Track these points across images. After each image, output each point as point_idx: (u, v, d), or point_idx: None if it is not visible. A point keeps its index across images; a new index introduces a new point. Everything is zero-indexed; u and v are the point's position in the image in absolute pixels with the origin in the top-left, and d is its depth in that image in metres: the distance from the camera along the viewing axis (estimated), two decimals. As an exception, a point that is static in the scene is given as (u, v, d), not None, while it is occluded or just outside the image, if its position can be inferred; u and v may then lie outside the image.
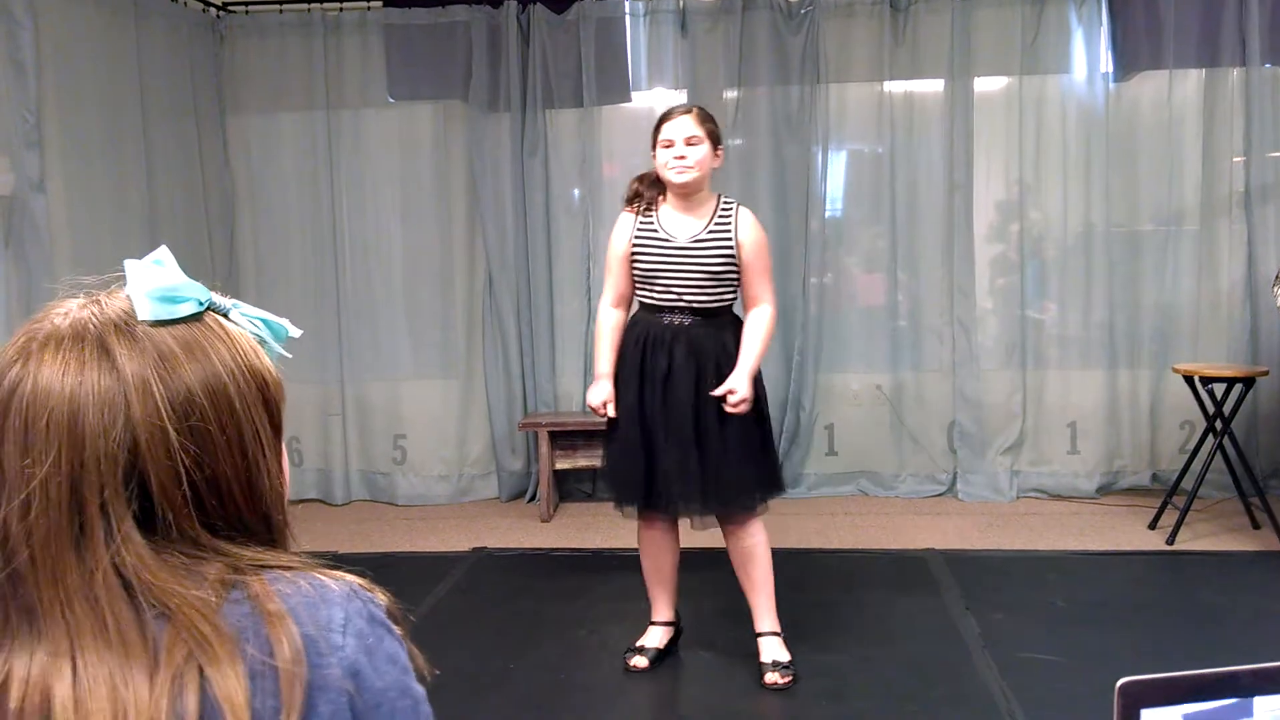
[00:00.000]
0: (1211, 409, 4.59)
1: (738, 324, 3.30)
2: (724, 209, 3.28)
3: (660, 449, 3.23)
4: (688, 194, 3.24)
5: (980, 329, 5.36)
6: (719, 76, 5.33)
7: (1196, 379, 4.61)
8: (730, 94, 5.32)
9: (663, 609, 3.48)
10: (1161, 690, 0.80)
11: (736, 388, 3.15)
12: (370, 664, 0.86)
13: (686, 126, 3.20)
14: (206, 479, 0.85)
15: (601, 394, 3.28)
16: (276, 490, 0.92)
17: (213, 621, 0.80)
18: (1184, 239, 5.23)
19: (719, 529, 3.39)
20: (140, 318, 0.87)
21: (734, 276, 3.27)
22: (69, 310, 0.88)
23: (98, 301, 0.89)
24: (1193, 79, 5.18)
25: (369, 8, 5.47)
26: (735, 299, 3.33)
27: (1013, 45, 5.24)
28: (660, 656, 3.43)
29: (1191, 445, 4.88)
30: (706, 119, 3.25)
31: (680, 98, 5.38)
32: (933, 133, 5.33)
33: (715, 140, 3.25)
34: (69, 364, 0.83)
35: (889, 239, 5.39)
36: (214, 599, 0.82)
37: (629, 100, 5.46)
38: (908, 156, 5.35)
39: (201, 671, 0.79)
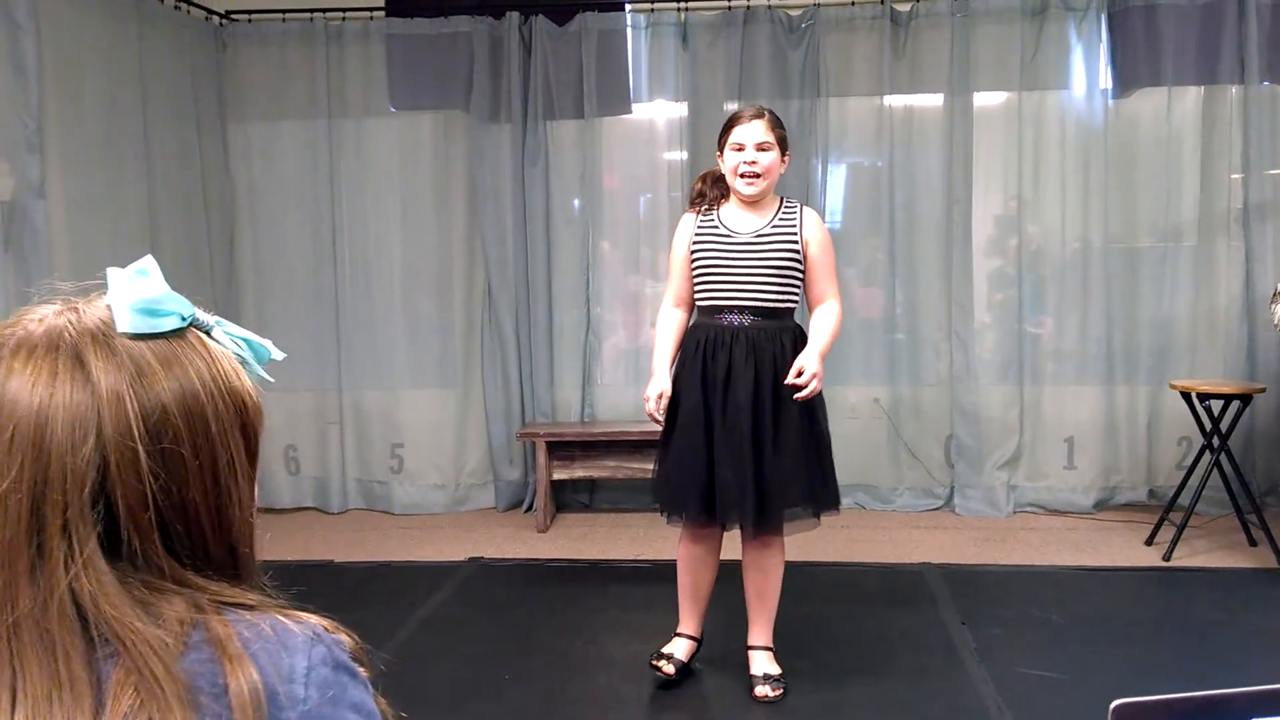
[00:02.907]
0: (1209, 425, 4.60)
1: (798, 331, 3.25)
2: (788, 207, 3.27)
3: (719, 455, 3.18)
4: (753, 203, 3.24)
5: (978, 343, 5.36)
6: (719, 89, 5.34)
7: (1194, 395, 4.62)
8: (730, 106, 5.31)
9: (690, 623, 3.42)
10: (1156, 712, 0.79)
11: (807, 365, 3.07)
12: (334, 714, 0.81)
13: (758, 132, 3.18)
14: (174, 504, 0.81)
15: (656, 387, 3.23)
16: (246, 521, 0.87)
17: (167, 665, 0.76)
18: (1182, 255, 5.24)
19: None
20: (119, 329, 0.83)
21: (796, 275, 3.22)
22: (44, 316, 0.84)
23: (75, 309, 0.84)
24: (1191, 96, 5.20)
25: (371, 17, 5.48)
26: (797, 303, 3.27)
27: (1012, 60, 5.25)
28: (684, 669, 3.37)
29: (1188, 461, 4.88)
30: (777, 124, 3.24)
31: (681, 110, 5.41)
32: (932, 147, 5.34)
33: (784, 146, 3.25)
34: (40, 373, 0.79)
35: (888, 252, 5.40)
36: (172, 642, 0.77)
37: (630, 112, 5.47)
38: (907, 170, 5.36)
39: None
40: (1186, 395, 4.66)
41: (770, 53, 5.31)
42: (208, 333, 0.88)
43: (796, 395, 3.08)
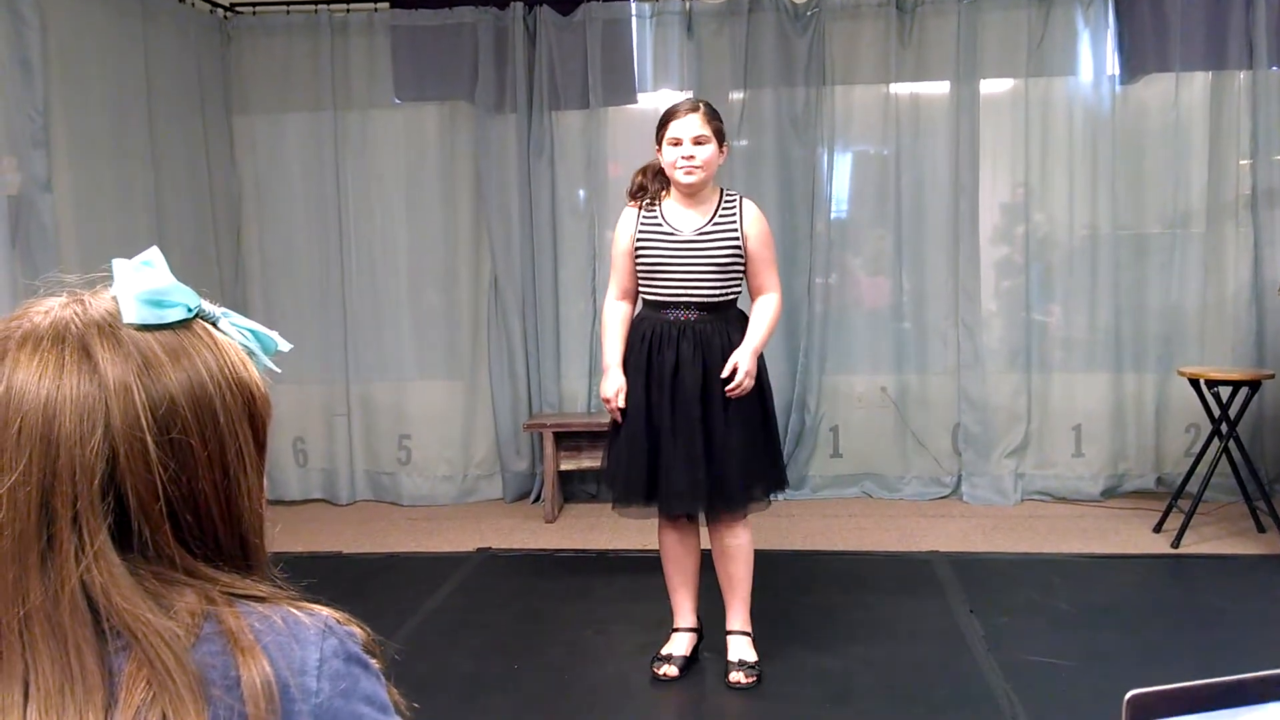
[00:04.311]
0: (1217, 412, 4.59)
1: (744, 319, 3.29)
2: (728, 201, 3.28)
3: (666, 447, 3.21)
4: (692, 194, 3.25)
5: (985, 331, 5.36)
6: (725, 78, 5.33)
7: (1202, 382, 4.60)
8: (736, 95, 5.32)
9: (686, 614, 3.44)
10: (1171, 701, 0.79)
11: (740, 362, 3.12)
12: (346, 707, 0.81)
13: (694, 125, 3.19)
14: (184, 495, 0.81)
15: (614, 384, 3.26)
16: (256, 512, 0.87)
17: (179, 657, 0.75)
18: (1190, 242, 5.22)
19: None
20: (126, 320, 0.82)
21: (739, 269, 3.25)
22: (50, 309, 0.83)
23: (81, 301, 0.84)
24: (1199, 82, 5.17)
25: (376, 9, 5.47)
26: (740, 293, 3.32)
27: (1019, 47, 5.23)
28: (687, 664, 3.39)
29: (1197, 448, 4.87)
30: (713, 116, 3.25)
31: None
32: (938, 135, 5.32)
33: (720, 137, 3.25)
34: (47, 365, 0.79)
35: (894, 241, 5.39)
36: (184, 634, 0.77)
37: (635, 102, 5.46)
38: (913, 158, 5.34)
39: (164, 717, 0.73)
40: (1195, 382, 4.64)
41: (775, 41, 5.30)
42: (214, 324, 0.87)
43: (728, 391, 3.13)
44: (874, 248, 5.49)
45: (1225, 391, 4.58)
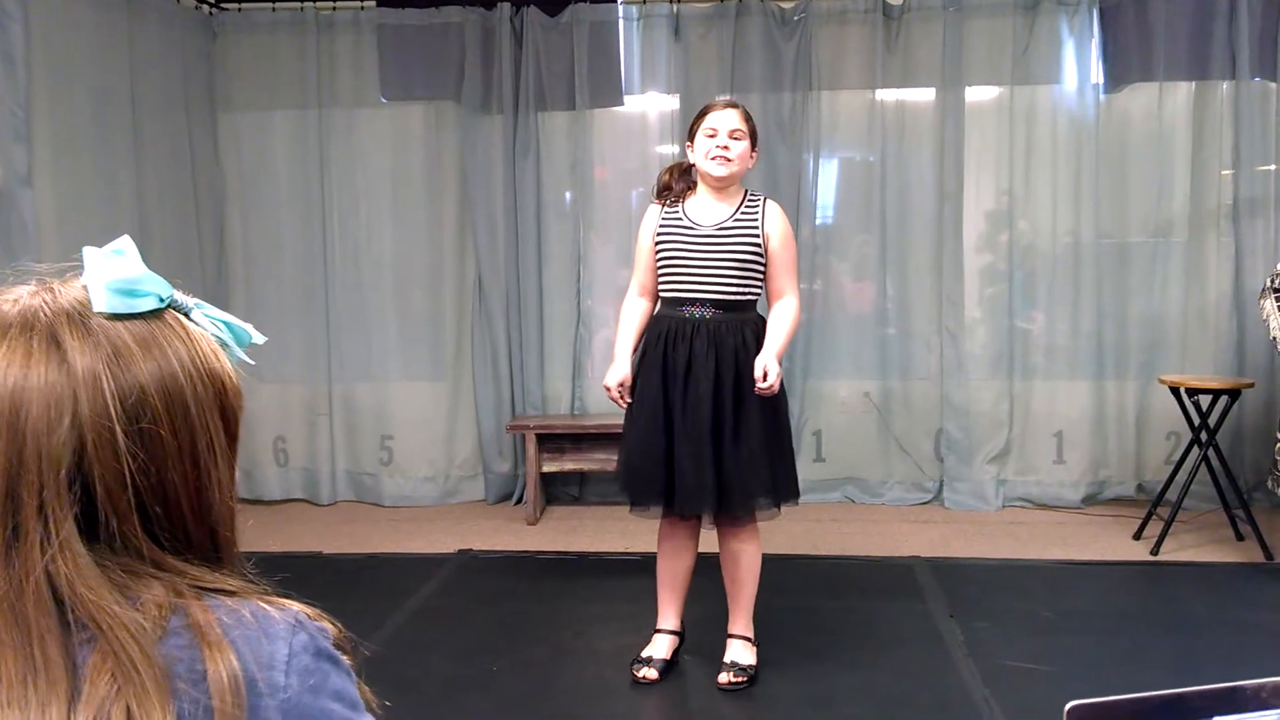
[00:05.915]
0: (1197, 420, 4.61)
1: (760, 323, 3.26)
2: (751, 200, 3.28)
3: (678, 446, 3.19)
4: (722, 186, 3.25)
5: (968, 338, 5.38)
6: (711, 82, 5.33)
7: (1183, 390, 4.63)
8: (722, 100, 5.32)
9: (670, 617, 3.43)
10: (1111, 713, 0.78)
11: (767, 365, 3.09)
12: (315, 703, 0.80)
13: (732, 120, 3.22)
14: (153, 486, 0.80)
15: (617, 375, 3.26)
16: (226, 505, 0.86)
17: (144, 649, 0.74)
18: (1172, 251, 5.26)
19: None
20: (96, 309, 0.81)
21: (758, 267, 3.23)
22: (19, 297, 0.82)
23: (51, 289, 0.83)
24: (1182, 91, 5.21)
25: (362, 7, 5.46)
26: (759, 296, 3.29)
27: (1004, 55, 5.26)
28: (667, 667, 3.38)
29: (1177, 456, 4.89)
30: (749, 118, 3.29)
31: (673, 103, 5.40)
32: (924, 141, 5.34)
33: (754, 139, 3.28)
34: (15, 354, 0.78)
35: (879, 247, 5.41)
36: (150, 626, 0.76)
37: (621, 104, 5.46)
38: (899, 165, 5.36)
39: (128, 710, 0.72)
40: (1175, 390, 4.67)
41: (762, 46, 5.31)
42: (187, 314, 0.86)
43: (758, 390, 3.11)
44: (859, 253, 5.51)
45: (1205, 400, 4.60)
